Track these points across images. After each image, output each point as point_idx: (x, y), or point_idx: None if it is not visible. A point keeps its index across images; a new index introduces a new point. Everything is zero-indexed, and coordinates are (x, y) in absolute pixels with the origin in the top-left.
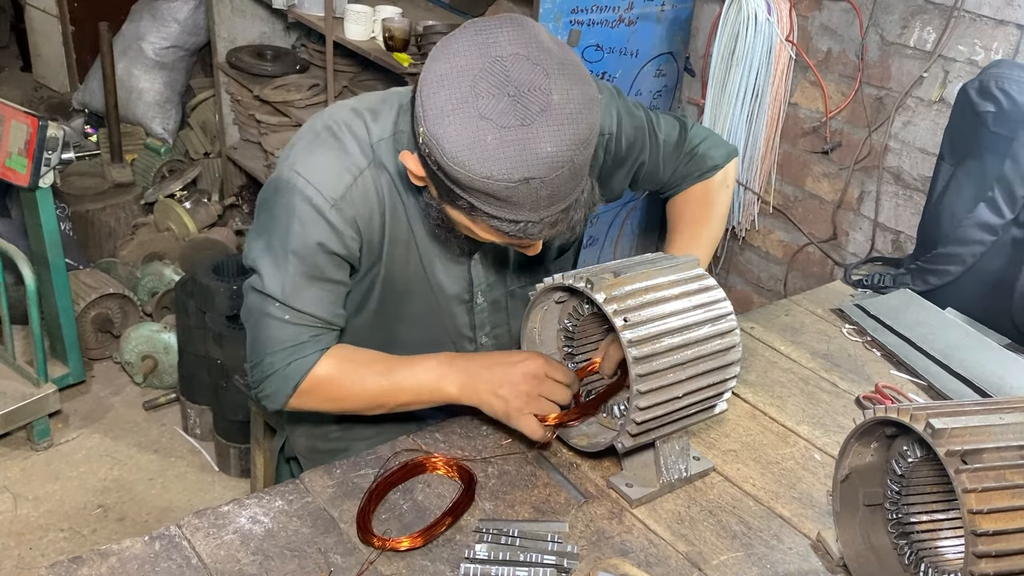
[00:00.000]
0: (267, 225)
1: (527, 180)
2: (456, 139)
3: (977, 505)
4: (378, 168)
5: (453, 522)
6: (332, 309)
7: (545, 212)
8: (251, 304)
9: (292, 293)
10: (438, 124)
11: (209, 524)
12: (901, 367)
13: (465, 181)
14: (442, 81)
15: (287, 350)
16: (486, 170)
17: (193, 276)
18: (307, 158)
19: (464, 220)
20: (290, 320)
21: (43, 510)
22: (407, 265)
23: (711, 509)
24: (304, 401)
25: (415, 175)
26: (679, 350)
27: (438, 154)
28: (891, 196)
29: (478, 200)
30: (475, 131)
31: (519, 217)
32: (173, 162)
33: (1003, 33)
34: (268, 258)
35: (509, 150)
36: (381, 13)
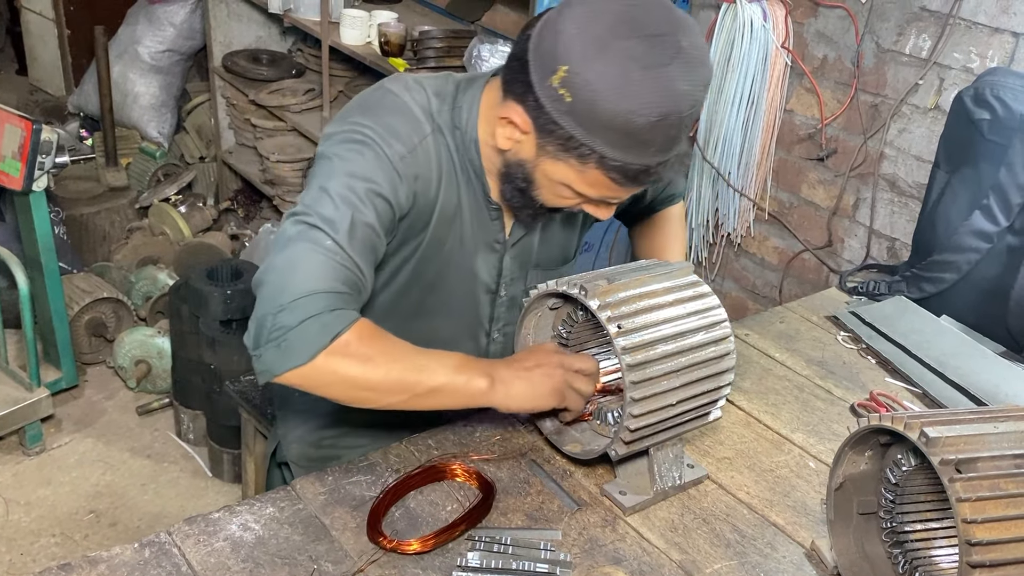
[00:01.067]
0: (326, 170)
1: (666, 117)
2: (605, 76)
3: (971, 514)
4: (437, 137)
5: (466, 530)
6: (371, 272)
7: (663, 156)
8: (294, 239)
9: (348, 233)
10: (585, 63)
11: (199, 531)
12: (896, 375)
13: (606, 118)
14: (586, 24)
15: (332, 295)
16: (632, 105)
17: (187, 280)
18: (372, 117)
19: (569, 174)
20: (341, 263)
21: (35, 515)
22: (442, 247)
23: (705, 517)
24: (331, 362)
25: (518, 129)
26: (673, 357)
27: (583, 91)
28: (886, 203)
29: (610, 142)
30: (622, 69)
31: (644, 160)
32: (168, 166)
33: (998, 41)
34: (324, 196)
35: (653, 87)
36: (377, 18)
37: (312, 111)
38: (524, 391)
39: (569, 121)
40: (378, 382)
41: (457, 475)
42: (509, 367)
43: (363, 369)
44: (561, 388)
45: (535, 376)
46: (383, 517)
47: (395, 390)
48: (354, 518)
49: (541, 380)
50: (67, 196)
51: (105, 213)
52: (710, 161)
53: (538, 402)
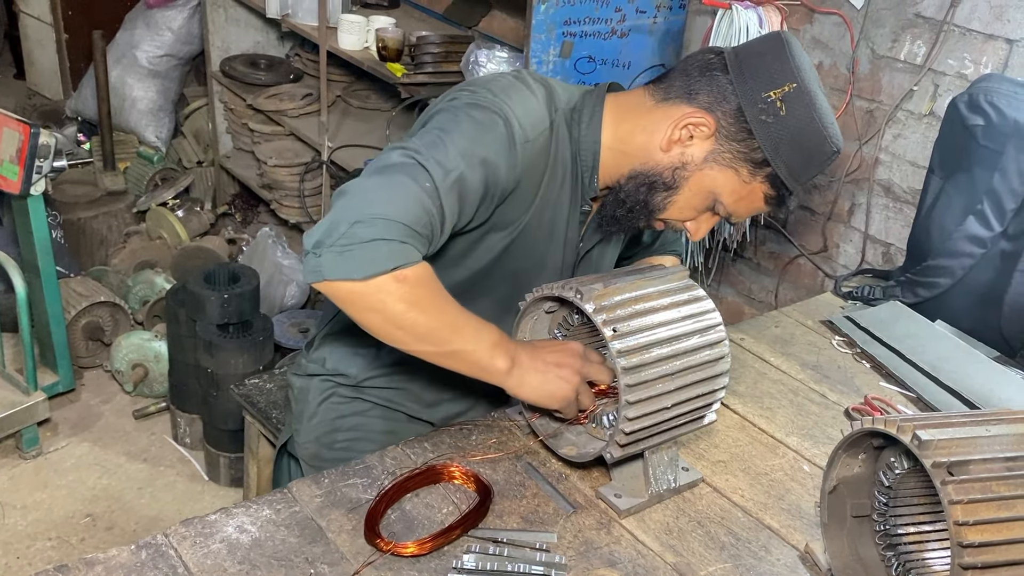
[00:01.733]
0: (449, 124)
1: (839, 152)
2: (822, 103)
3: (963, 517)
4: (557, 132)
5: (463, 533)
6: (450, 229)
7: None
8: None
9: (451, 184)
10: (812, 85)
11: (196, 533)
12: (890, 379)
13: (806, 137)
14: (803, 55)
15: (410, 229)
16: (830, 133)
17: (184, 285)
18: (512, 95)
19: (728, 184)
20: (430, 207)
21: (31, 519)
22: (537, 237)
23: (700, 520)
24: (386, 288)
25: (701, 132)
26: (668, 360)
27: (801, 109)
28: (881, 208)
29: (791, 160)
30: (823, 103)
31: (798, 184)
32: (166, 170)
33: (992, 47)
34: (440, 144)
35: (833, 124)
36: (375, 23)
37: (310, 116)
38: (536, 386)
39: (767, 133)
40: (415, 325)
41: (455, 477)
42: (533, 356)
43: (408, 307)
44: (570, 396)
45: (551, 375)
46: (380, 519)
47: (427, 339)
48: (350, 520)
49: (556, 382)
50: (65, 200)
51: (103, 217)
52: None
53: (544, 401)
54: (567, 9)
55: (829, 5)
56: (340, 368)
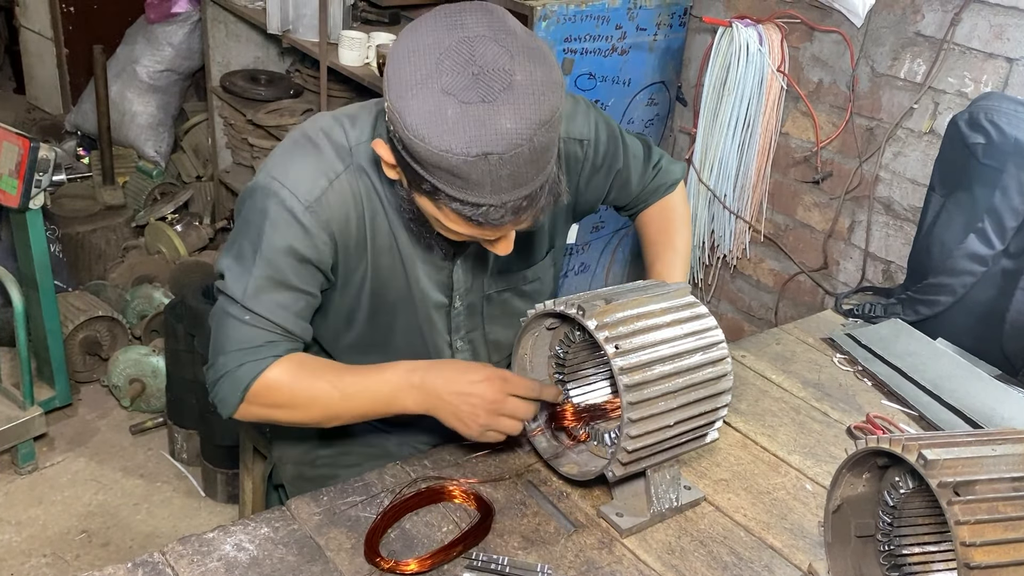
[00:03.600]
0: (239, 229)
1: (485, 155)
2: (418, 112)
3: (970, 538)
4: (357, 172)
5: (464, 551)
6: (294, 319)
7: (507, 195)
8: (216, 306)
9: (253, 295)
10: (401, 98)
11: (193, 551)
12: (892, 397)
13: (424, 155)
14: (408, 57)
15: (241, 351)
16: (445, 143)
17: (183, 299)
18: (284, 164)
19: (431, 208)
20: (249, 322)
21: (26, 535)
22: (392, 273)
23: (702, 539)
24: (253, 409)
25: (387, 163)
26: (670, 378)
27: (400, 127)
28: (882, 226)
29: (440, 180)
30: (436, 105)
31: (481, 200)
32: (165, 185)
33: (992, 66)
34: (236, 260)
35: (469, 124)
36: (375, 39)
37: None
38: (446, 420)
39: (407, 154)
40: (306, 416)
41: (455, 497)
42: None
43: (282, 411)
44: (475, 436)
45: (461, 415)
46: (381, 538)
47: (328, 419)
48: (349, 538)
49: (463, 423)
50: (63, 214)
51: (101, 231)
52: (706, 183)
53: (463, 431)
54: (567, 26)
55: (829, 23)
56: None
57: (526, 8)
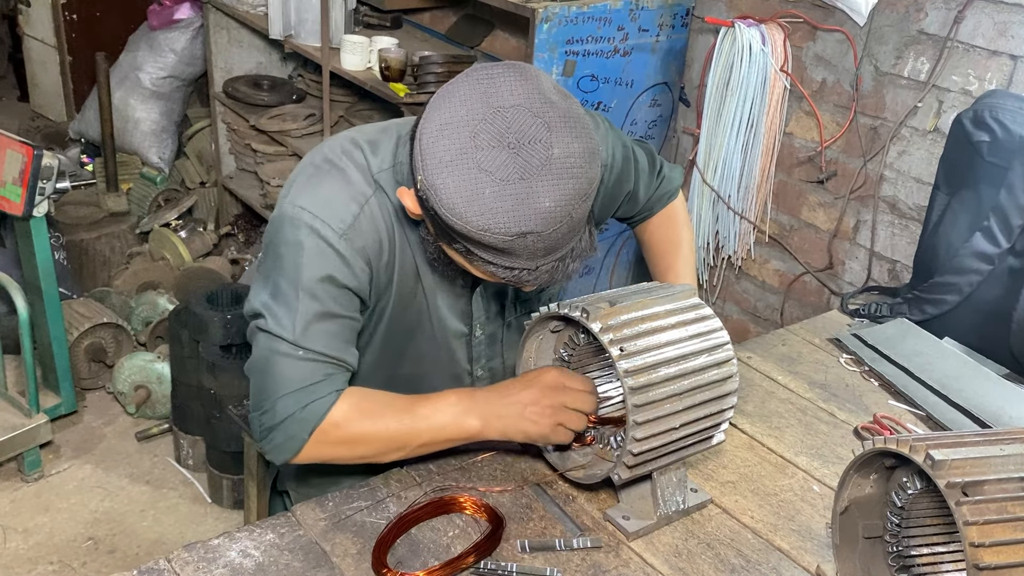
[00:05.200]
0: (274, 265)
1: (524, 235)
2: (454, 191)
3: (979, 538)
4: (382, 197)
5: (475, 562)
6: (345, 347)
7: (541, 261)
8: (260, 348)
9: (303, 332)
10: (436, 175)
11: (199, 558)
12: (899, 397)
13: (462, 231)
14: (442, 131)
15: (301, 391)
16: (483, 223)
17: (187, 305)
18: (310, 191)
19: (461, 260)
20: (303, 358)
21: (32, 542)
22: (413, 299)
23: (709, 542)
24: (320, 449)
25: (412, 212)
26: (676, 380)
27: (435, 203)
28: (887, 225)
29: (475, 247)
30: (473, 184)
31: (515, 265)
32: (169, 191)
33: (996, 63)
34: (275, 298)
35: (507, 204)
36: (377, 44)
37: (313, 136)
38: (515, 430)
39: (439, 221)
40: (369, 454)
41: (466, 508)
42: (503, 402)
43: (350, 448)
44: (546, 433)
45: (528, 415)
46: (389, 548)
47: (391, 451)
48: (355, 544)
49: (527, 423)
50: (67, 221)
51: (105, 238)
52: (710, 184)
53: (529, 440)
54: (570, 28)
55: (832, 22)
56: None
57: (527, 11)
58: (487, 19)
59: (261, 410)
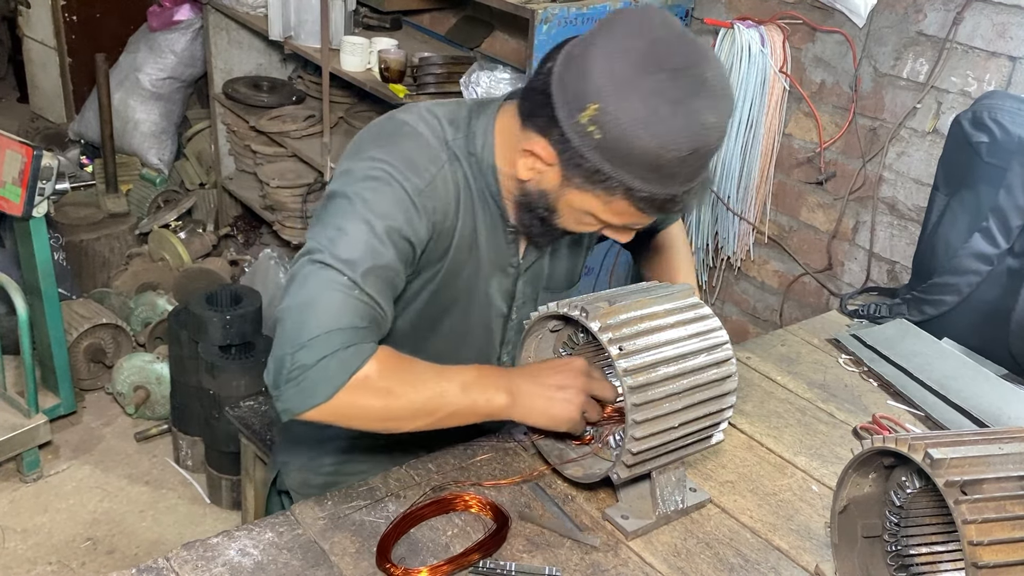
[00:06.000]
0: (342, 208)
1: (696, 150)
2: (634, 113)
3: (977, 537)
4: (455, 166)
5: (479, 560)
6: (390, 304)
7: (691, 183)
8: (313, 282)
9: (364, 275)
10: (615, 100)
11: (198, 557)
12: (898, 397)
13: (638, 154)
14: (612, 61)
15: (351, 331)
16: (662, 141)
17: (187, 306)
18: (390, 148)
19: (594, 204)
20: (358, 298)
21: (31, 543)
22: (463, 272)
23: (708, 541)
24: (353, 398)
25: (541, 161)
26: (675, 379)
27: (613, 129)
28: (886, 226)
29: (639, 176)
30: (651, 105)
31: (671, 190)
32: (168, 192)
33: (995, 64)
34: (342, 239)
35: (680, 122)
36: (377, 45)
37: (312, 137)
38: (542, 412)
39: (597, 156)
40: (399, 412)
41: (471, 507)
42: (533, 382)
43: (384, 402)
44: (575, 417)
45: (556, 399)
46: (393, 545)
47: (417, 417)
48: (353, 543)
49: (561, 405)
50: (67, 222)
51: (105, 239)
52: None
53: (552, 425)
54: (569, 29)
55: (831, 23)
56: None
57: (527, 12)
58: (486, 20)
59: (298, 346)
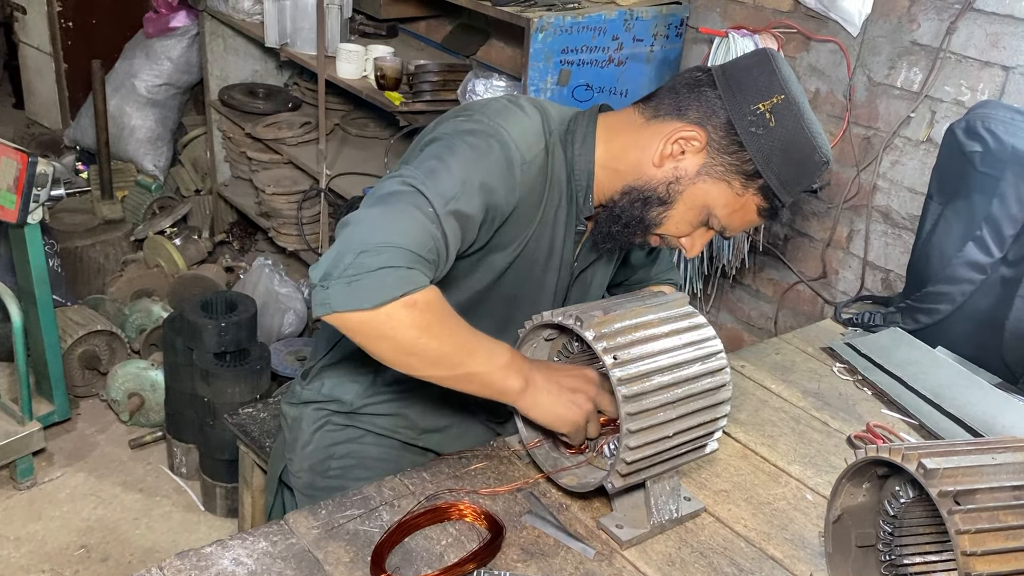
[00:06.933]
0: (446, 150)
1: (828, 162)
2: (808, 113)
3: (971, 547)
4: (553, 155)
5: (474, 569)
6: (455, 250)
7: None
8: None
9: (450, 212)
10: (800, 97)
11: (191, 566)
12: (892, 406)
13: (797, 147)
14: (783, 83)
15: (418, 255)
16: (818, 143)
17: (181, 313)
18: (505, 116)
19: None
20: (433, 232)
21: (24, 550)
22: (532, 265)
23: (702, 551)
24: (397, 315)
25: (694, 145)
26: (669, 388)
27: (791, 120)
28: (880, 235)
29: (782, 172)
30: (813, 118)
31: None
32: (164, 199)
33: (988, 74)
34: (441, 173)
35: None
36: (373, 52)
37: (308, 144)
38: (549, 408)
39: (758, 144)
40: (428, 350)
41: (465, 516)
42: (547, 378)
43: (419, 333)
44: (580, 422)
45: (564, 399)
46: (387, 555)
47: (440, 363)
48: (348, 552)
49: (568, 406)
50: (62, 229)
51: (100, 246)
52: None
53: (555, 424)
54: (565, 38)
55: (825, 33)
56: (336, 394)
57: (523, 20)
58: (482, 28)
59: (364, 248)
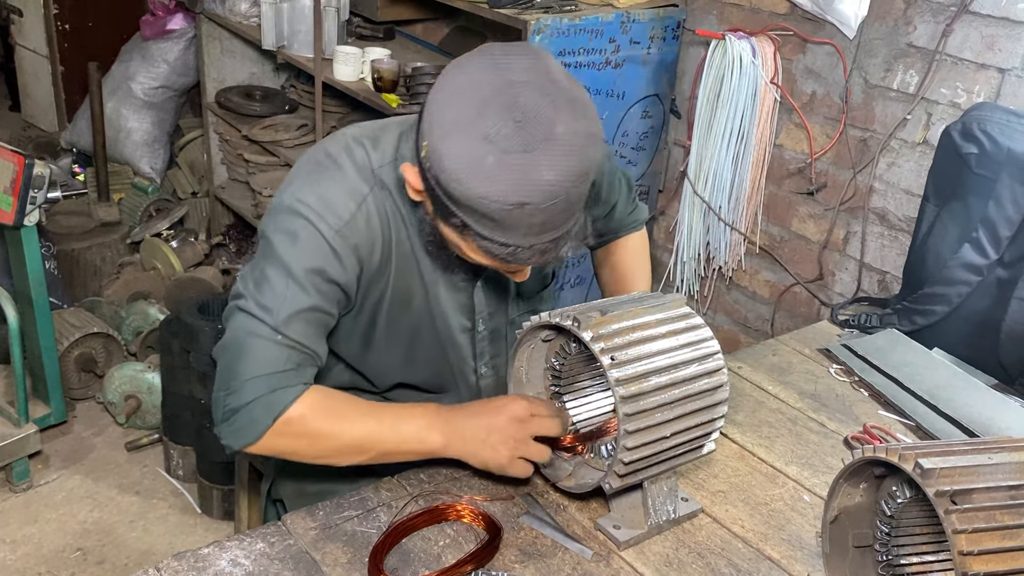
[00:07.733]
0: (267, 251)
1: (522, 205)
2: (457, 156)
3: (967, 546)
4: (382, 193)
5: (472, 570)
6: (319, 341)
7: (536, 239)
8: (237, 328)
9: (286, 320)
10: (442, 140)
11: (188, 567)
12: (889, 407)
13: (461, 199)
14: (451, 98)
15: (273, 376)
16: (483, 190)
17: (178, 315)
18: (310, 186)
19: (455, 238)
20: (280, 343)
21: (20, 553)
22: (412, 296)
23: (700, 551)
24: (279, 441)
25: (413, 188)
26: (666, 389)
27: (437, 169)
28: (876, 237)
29: (471, 219)
30: (477, 151)
31: (509, 241)
32: (160, 201)
33: (984, 76)
34: (265, 283)
35: (508, 173)
36: (370, 55)
37: (305, 146)
38: (473, 454)
39: (440, 191)
40: (327, 451)
41: (463, 517)
42: (466, 425)
43: (310, 440)
44: (506, 464)
45: (490, 442)
46: (385, 556)
47: (347, 454)
48: (345, 553)
49: (487, 452)
50: (59, 231)
51: (96, 248)
52: (701, 195)
53: (485, 468)
54: (561, 40)
55: (822, 35)
56: None
57: (520, 23)
58: (479, 31)
59: (228, 390)
